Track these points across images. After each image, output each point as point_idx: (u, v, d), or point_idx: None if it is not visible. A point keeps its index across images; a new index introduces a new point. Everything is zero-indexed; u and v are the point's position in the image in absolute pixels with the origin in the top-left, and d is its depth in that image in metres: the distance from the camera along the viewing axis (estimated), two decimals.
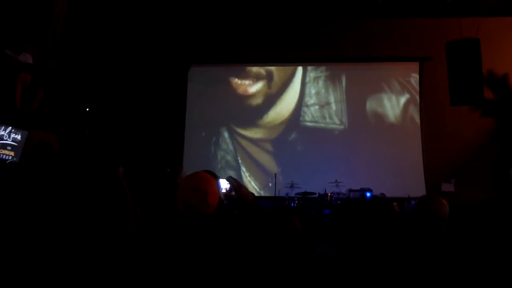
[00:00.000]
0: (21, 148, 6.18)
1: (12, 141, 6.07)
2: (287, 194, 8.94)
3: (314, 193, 8.79)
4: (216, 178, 2.06)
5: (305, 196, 8.72)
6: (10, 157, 6.00)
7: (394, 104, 10.25)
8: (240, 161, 10.29)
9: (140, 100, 9.99)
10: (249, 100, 10.61)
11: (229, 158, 10.33)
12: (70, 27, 8.31)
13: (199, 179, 1.86)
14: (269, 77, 10.68)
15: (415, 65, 10.38)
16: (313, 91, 10.51)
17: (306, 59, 10.49)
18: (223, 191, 2.20)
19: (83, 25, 8.99)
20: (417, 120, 10.16)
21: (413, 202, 7.81)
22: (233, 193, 2.20)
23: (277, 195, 9.18)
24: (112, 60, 9.78)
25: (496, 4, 9.38)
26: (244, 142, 10.43)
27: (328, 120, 10.35)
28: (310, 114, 10.44)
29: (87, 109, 8.59)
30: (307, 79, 10.60)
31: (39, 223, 2.94)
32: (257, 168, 10.25)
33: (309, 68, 10.64)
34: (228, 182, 2.19)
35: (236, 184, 2.17)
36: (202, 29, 10.41)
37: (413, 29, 10.24)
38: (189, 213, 1.78)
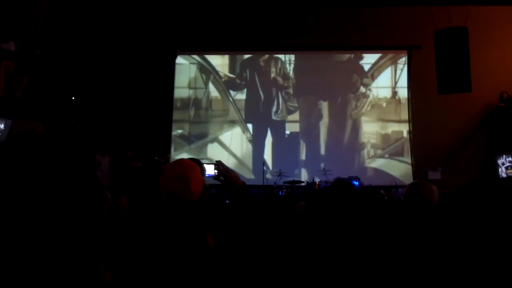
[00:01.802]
0: (5, 137, 6.07)
1: None
2: (275, 182, 8.93)
3: (302, 182, 8.80)
4: (201, 165, 2.01)
5: (293, 184, 8.71)
6: None
7: (382, 92, 10.26)
8: (228, 150, 10.25)
9: (127, 88, 9.88)
10: (236, 89, 10.55)
11: (216, 146, 10.28)
12: (54, 14, 8.15)
13: (182, 167, 1.82)
14: (255, 66, 10.62)
15: (404, 54, 10.39)
16: (301, 80, 10.48)
17: (293, 47, 10.44)
18: (210, 173, 2.16)
19: (68, 12, 8.84)
20: (405, 108, 10.19)
21: (400, 190, 7.88)
22: (221, 177, 2.17)
23: (265, 183, 9.17)
24: (98, 48, 9.65)
25: None
26: (232, 131, 10.39)
27: (316, 108, 10.34)
28: (298, 103, 10.41)
29: (73, 98, 8.47)
30: (295, 68, 10.56)
31: (16, 213, 2.89)
32: (245, 157, 10.23)
33: (297, 56, 10.59)
34: (215, 167, 2.15)
35: (224, 169, 2.13)
36: (189, 16, 10.28)
37: (402, 18, 10.21)
38: (172, 201, 1.74)
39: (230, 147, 10.29)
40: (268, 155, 9.96)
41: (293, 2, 10.06)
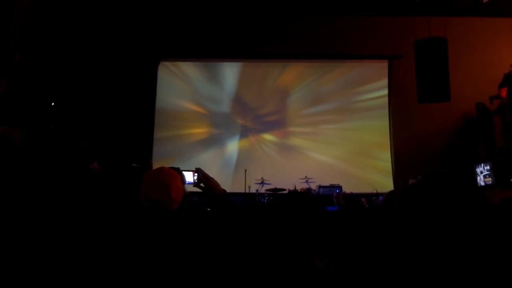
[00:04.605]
0: None
1: None
2: (257, 190, 8.92)
3: (284, 190, 8.79)
4: (180, 173, 2.01)
5: (275, 192, 8.71)
6: None
7: (363, 101, 10.36)
8: (210, 157, 10.21)
9: (108, 95, 9.79)
10: (218, 96, 10.54)
11: (199, 154, 10.23)
12: (35, 18, 8.05)
13: (163, 174, 1.83)
14: (238, 74, 10.63)
15: (385, 63, 10.52)
16: (281, 88, 10.52)
17: (276, 56, 10.48)
18: (190, 181, 2.15)
19: (49, 16, 8.74)
20: (386, 117, 10.30)
21: (381, 198, 7.93)
22: (201, 184, 2.16)
23: (247, 191, 9.16)
24: (79, 53, 9.55)
25: (463, 5, 9.59)
26: (213, 140, 10.37)
27: (297, 116, 10.39)
28: (279, 111, 10.45)
29: (52, 104, 8.35)
30: (276, 76, 10.60)
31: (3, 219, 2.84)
32: (227, 164, 10.20)
33: (279, 64, 10.63)
34: (195, 174, 2.14)
35: (204, 175, 2.12)
36: (172, 23, 10.26)
37: (383, 28, 10.35)
38: (152, 208, 1.73)
39: (211, 155, 10.26)
40: (250, 163, 9.93)
41: (274, 10, 10.11)
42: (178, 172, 1.93)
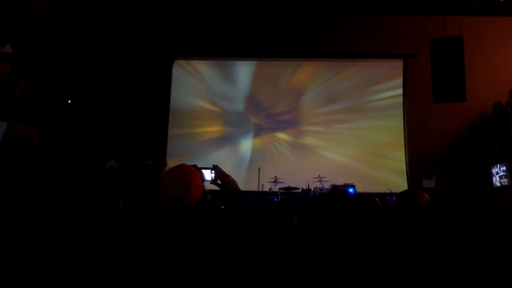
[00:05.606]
0: (0, 140, 6.03)
1: None
2: (270, 189, 8.93)
3: (297, 188, 8.79)
4: (200, 170, 2.04)
5: (288, 191, 8.71)
6: None
7: (377, 100, 10.30)
8: (223, 155, 10.25)
9: (123, 93, 9.88)
10: (232, 95, 10.57)
11: (212, 152, 10.28)
12: (52, 16, 8.14)
13: (183, 170, 1.85)
14: (252, 72, 10.65)
15: (399, 62, 10.45)
16: (295, 87, 10.51)
17: (289, 54, 10.48)
18: (208, 179, 2.18)
19: (66, 14, 8.84)
20: (401, 116, 10.23)
21: (394, 197, 7.89)
22: (219, 181, 2.19)
23: (260, 189, 9.18)
24: (95, 51, 9.65)
25: (480, 3, 9.49)
26: (228, 137, 10.41)
27: (311, 115, 10.37)
28: (293, 110, 10.44)
29: (69, 101, 8.45)
30: (290, 74, 10.60)
31: (22, 217, 2.88)
32: (240, 163, 10.23)
33: (292, 63, 10.62)
34: (212, 171, 2.17)
35: (222, 173, 2.15)
36: (187, 22, 10.31)
37: (398, 27, 10.29)
38: (172, 204, 1.76)
39: (225, 153, 10.29)
40: (263, 162, 9.95)
41: (289, 9, 10.10)
42: (197, 170, 1.96)
